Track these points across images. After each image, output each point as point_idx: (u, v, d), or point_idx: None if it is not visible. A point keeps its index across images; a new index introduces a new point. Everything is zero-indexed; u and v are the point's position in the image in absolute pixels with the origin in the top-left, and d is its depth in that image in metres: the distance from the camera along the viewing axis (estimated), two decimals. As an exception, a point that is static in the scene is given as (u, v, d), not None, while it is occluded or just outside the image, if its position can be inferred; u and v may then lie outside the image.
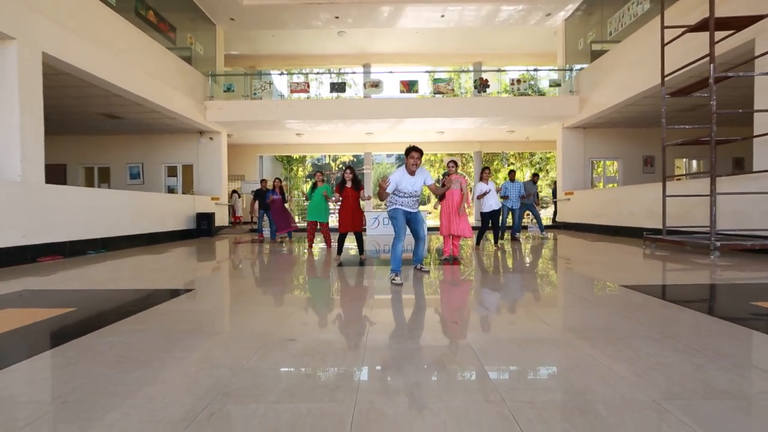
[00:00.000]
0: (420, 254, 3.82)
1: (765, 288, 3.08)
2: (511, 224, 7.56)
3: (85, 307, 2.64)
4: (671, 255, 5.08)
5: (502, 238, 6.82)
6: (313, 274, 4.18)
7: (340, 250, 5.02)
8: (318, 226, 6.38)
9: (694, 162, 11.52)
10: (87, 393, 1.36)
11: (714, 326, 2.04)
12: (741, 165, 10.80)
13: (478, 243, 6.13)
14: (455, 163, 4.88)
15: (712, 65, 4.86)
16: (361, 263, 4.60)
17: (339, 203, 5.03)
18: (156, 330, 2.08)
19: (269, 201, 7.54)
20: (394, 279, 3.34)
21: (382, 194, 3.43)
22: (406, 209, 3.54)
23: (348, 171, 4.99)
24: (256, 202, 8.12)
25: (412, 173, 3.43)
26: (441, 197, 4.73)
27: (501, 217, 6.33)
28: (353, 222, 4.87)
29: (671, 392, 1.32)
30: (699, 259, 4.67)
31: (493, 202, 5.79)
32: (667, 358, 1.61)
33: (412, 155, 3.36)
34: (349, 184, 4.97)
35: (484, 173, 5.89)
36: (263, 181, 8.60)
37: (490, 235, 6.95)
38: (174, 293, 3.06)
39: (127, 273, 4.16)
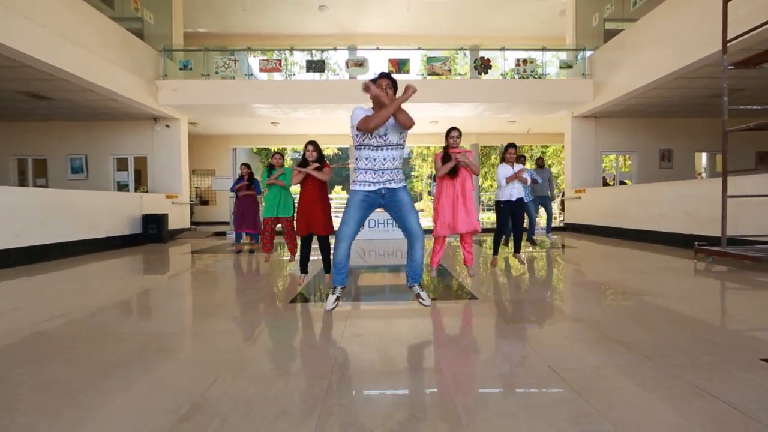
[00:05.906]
0: (417, 267, 2.49)
1: None
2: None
3: None
4: (736, 272, 3.88)
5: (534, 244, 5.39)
6: (253, 314, 2.82)
7: (304, 267, 3.54)
8: (278, 225, 4.57)
9: (718, 156, 10.45)
10: None
11: None
12: (766, 161, 9.77)
13: (495, 251, 4.36)
14: (458, 131, 3.41)
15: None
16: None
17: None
18: None
19: (240, 194, 6.04)
20: (329, 296, 2.49)
21: (369, 88, 2.26)
22: (370, 189, 2.38)
23: (310, 147, 3.40)
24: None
25: (380, 107, 2.30)
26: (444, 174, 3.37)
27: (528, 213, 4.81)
28: (314, 220, 3.30)
29: None
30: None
31: (515, 190, 4.17)
32: None
33: (380, 82, 2.34)
34: (312, 168, 3.38)
35: (509, 153, 4.26)
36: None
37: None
38: None
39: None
